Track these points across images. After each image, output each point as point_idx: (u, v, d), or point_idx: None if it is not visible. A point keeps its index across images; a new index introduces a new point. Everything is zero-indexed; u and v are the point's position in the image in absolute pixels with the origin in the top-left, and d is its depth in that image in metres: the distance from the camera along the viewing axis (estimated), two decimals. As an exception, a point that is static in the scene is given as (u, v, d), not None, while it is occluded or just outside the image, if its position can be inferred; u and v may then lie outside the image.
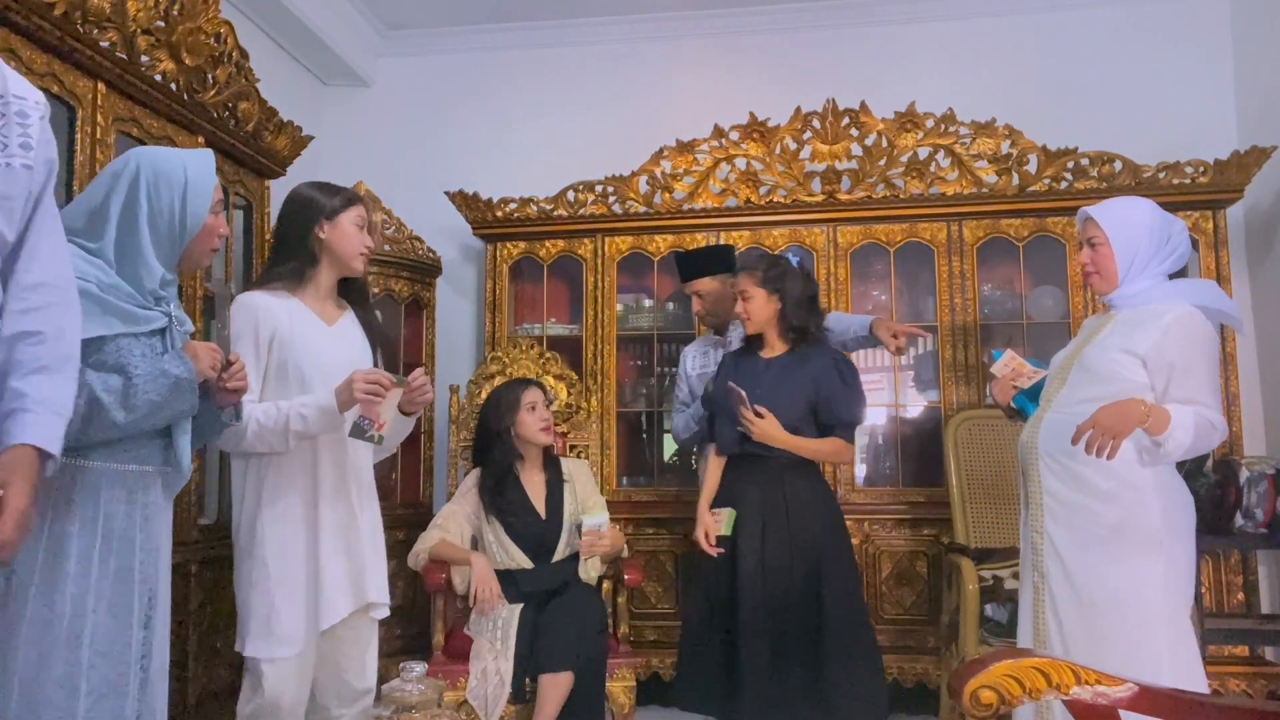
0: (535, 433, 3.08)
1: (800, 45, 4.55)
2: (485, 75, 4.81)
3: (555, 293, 4.37)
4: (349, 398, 2.08)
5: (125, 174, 1.75)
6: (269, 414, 2.07)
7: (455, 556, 2.97)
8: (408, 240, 4.17)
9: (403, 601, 3.95)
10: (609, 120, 4.62)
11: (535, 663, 2.78)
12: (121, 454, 1.70)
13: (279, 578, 2.10)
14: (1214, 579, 3.60)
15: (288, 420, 2.07)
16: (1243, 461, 3.39)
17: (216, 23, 2.97)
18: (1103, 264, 2.34)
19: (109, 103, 2.57)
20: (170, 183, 1.77)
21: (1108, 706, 1.09)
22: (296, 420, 2.07)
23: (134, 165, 1.76)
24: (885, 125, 4.00)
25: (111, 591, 1.65)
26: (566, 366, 3.61)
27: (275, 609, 2.09)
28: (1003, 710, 1.10)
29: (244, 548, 2.15)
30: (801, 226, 4.02)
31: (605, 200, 4.16)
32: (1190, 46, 4.25)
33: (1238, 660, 3.55)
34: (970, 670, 1.11)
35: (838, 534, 2.73)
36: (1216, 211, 3.75)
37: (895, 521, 3.77)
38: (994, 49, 4.39)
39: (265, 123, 3.30)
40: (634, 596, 3.73)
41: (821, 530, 2.68)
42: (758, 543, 2.65)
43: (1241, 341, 3.87)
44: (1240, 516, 3.30)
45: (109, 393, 1.60)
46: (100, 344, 1.64)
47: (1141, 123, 4.12)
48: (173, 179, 1.77)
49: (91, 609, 1.62)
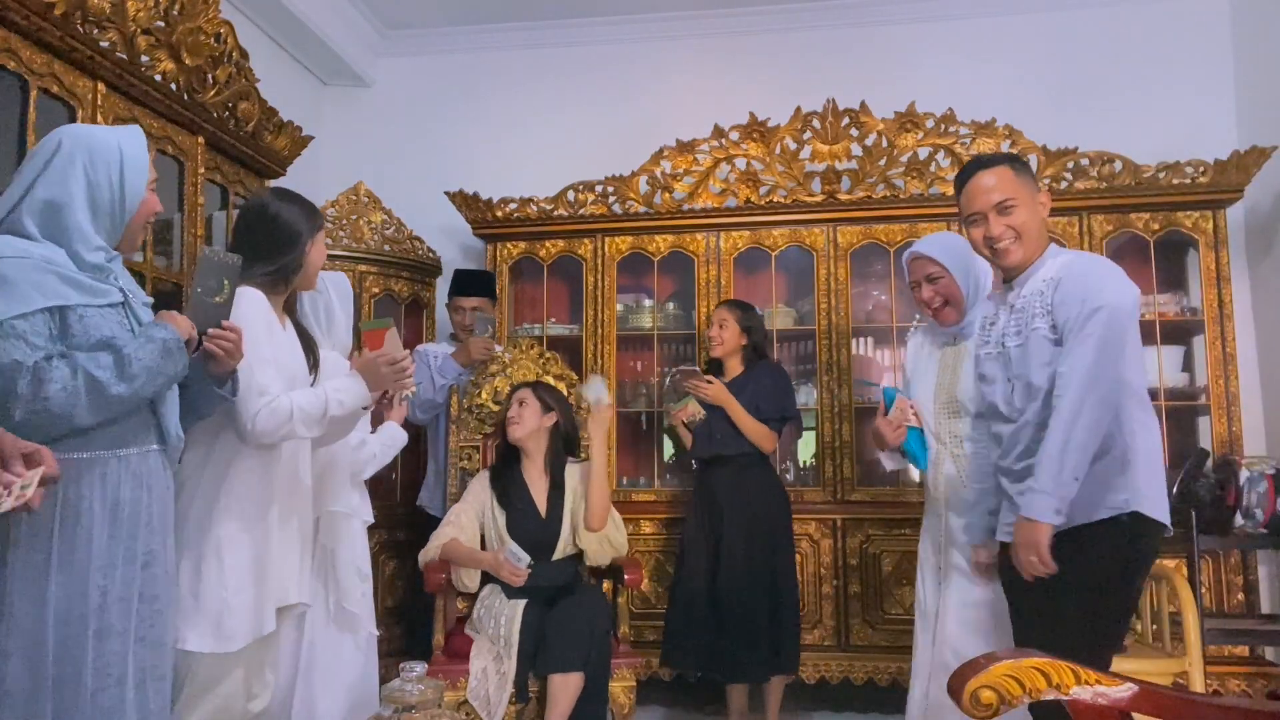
0: (509, 429, 3.12)
1: (800, 45, 4.55)
2: (485, 75, 4.81)
3: (555, 293, 4.37)
4: (379, 388, 2.15)
5: (59, 154, 1.71)
6: (310, 399, 2.07)
7: (465, 558, 2.98)
8: (408, 240, 4.17)
9: (403, 601, 3.95)
10: (609, 120, 4.62)
11: (544, 663, 2.78)
12: (122, 440, 1.71)
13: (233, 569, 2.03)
14: (1214, 579, 3.61)
15: (326, 404, 2.08)
16: (1243, 461, 3.39)
17: (216, 23, 2.97)
18: (952, 293, 2.50)
19: (109, 103, 2.57)
20: (107, 160, 1.74)
21: (1108, 706, 1.09)
22: (335, 405, 2.09)
23: (67, 145, 1.72)
24: (885, 125, 4.00)
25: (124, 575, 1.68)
26: (566, 366, 3.61)
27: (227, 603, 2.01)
28: (1003, 710, 1.10)
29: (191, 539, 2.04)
30: (801, 226, 4.02)
31: (605, 200, 4.16)
32: (1190, 46, 4.25)
33: (1238, 660, 3.55)
34: (970, 670, 1.11)
35: (783, 514, 3.42)
36: (1216, 211, 3.75)
37: (895, 521, 3.77)
38: (994, 49, 4.39)
39: (265, 123, 3.30)
40: (634, 596, 3.73)
41: (772, 511, 3.36)
42: (721, 524, 3.33)
43: (1242, 341, 3.87)
44: (1240, 516, 3.31)
45: (103, 369, 1.60)
46: (63, 316, 1.62)
47: (1141, 123, 4.12)
48: (109, 156, 1.74)
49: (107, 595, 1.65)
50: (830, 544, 3.81)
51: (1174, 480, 3.56)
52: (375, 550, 3.74)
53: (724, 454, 3.39)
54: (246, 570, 2.05)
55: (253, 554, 2.07)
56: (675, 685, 3.83)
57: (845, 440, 3.89)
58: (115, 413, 1.66)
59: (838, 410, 3.90)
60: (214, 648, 1.99)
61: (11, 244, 1.63)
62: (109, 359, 1.62)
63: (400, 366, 2.17)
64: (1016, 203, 2.15)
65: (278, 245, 2.14)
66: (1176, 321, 3.87)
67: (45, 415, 1.56)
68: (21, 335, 1.56)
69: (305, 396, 2.07)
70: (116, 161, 1.75)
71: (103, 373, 1.60)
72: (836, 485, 3.86)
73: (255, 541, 2.08)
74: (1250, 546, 3.49)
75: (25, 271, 1.59)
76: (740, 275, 4.15)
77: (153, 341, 1.67)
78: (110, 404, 1.62)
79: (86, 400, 1.58)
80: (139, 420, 1.75)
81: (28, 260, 1.61)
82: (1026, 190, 2.18)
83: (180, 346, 1.72)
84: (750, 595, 3.24)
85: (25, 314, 1.57)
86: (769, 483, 3.42)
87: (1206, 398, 3.73)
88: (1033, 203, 2.18)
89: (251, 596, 2.05)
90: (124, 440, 1.72)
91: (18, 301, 1.57)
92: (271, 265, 2.14)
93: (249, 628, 2.04)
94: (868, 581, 3.78)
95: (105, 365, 1.61)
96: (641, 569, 3.16)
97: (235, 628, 2.01)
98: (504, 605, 2.90)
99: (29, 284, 1.59)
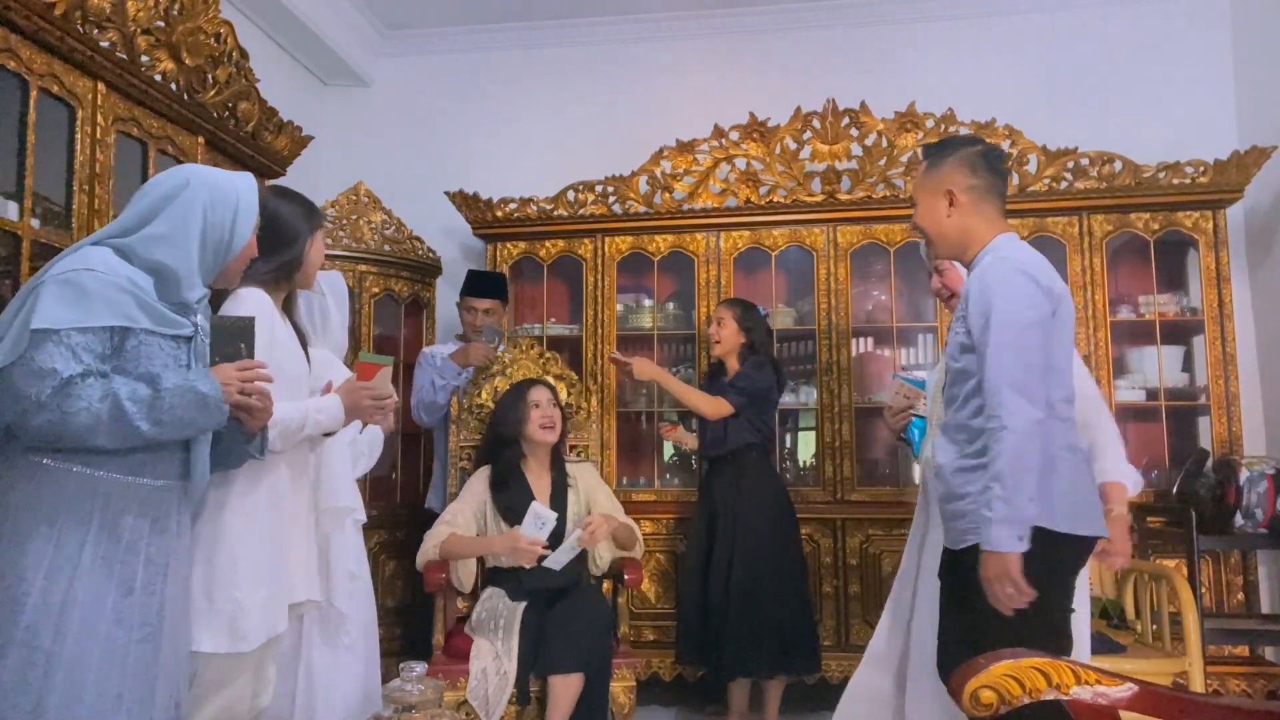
0: (536, 430, 3.09)
1: (800, 45, 4.55)
2: (485, 75, 4.81)
3: (555, 293, 4.37)
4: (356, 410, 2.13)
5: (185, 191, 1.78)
6: (292, 414, 2.05)
7: (467, 548, 2.97)
8: (408, 240, 4.17)
9: (402, 601, 3.95)
10: (609, 120, 4.62)
11: (544, 663, 2.78)
12: (139, 468, 1.69)
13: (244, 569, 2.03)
14: (1214, 579, 3.61)
15: (305, 421, 2.07)
16: (1243, 461, 3.39)
17: (216, 23, 2.97)
18: (957, 286, 2.49)
19: (109, 103, 2.57)
20: (225, 204, 1.81)
21: (1108, 706, 1.09)
22: (312, 425, 2.09)
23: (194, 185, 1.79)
24: (885, 125, 4.00)
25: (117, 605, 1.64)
26: (566, 366, 3.61)
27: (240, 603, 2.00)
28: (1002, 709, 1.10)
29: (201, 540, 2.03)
30: (801, 226, 4.02)
31: (605, 200, 4.16)
32: (1190, 46, 4.25)
33: (1238, 660, 3.55)
34: (970, 670, 1.11)
35: (783, 510, 3.42)
36: (1216, 211, 3.75)
37: (895, 521, 3.77)
38: (994, 49, 4.39)
39: (265, 123, 3.30)
40: (634, 596, 3.73)
41: (772, 509, 3.38)
42: (718, 523, 3.38)
43: (1242, 341, 3.87)
44: (1240, 516, 3.31)
45: (135, 402, 1.59)
46: (123, 338, 1.64)
47: (1141, 123, 4.12)
48: (228, 201, 1.81)
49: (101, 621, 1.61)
50: (830, 544, 3.81)
51: (1174, 480, 3.57)
52: (375, 550, 3.75)
53: (723, 453, 3.43)
54: (258, 569, 2.04)
55: (263, 552, 2.06)
56: (675, 685, 3.83)
57: (845, 440, 3.89)
58: (134, 444, 1.64)
59: (838, 410, 3.90)
60: (229, 648, 1.98)
61: (105, 260, 1.65)
62: (145, 393, 1.61)
63: (383, 404, 2.17)
64: (915, 200, 2.18)
65: (277, 243, 2.13)
66: (1176, 321, 3.87)
67: (63, 428, 1.56)
68: (72, 347, 1.57)
69: (288, 410, 2.05)
70: (233, 206, 1.82)
71: (133, 406, 1.59)
72: (836, 485, 3.86)
73: (264, 540, 2.07)
74: (1250, 546, 3.49)
75: (105, 287, 1.61)
76: (740, 275, 4.15)
77: (193, 393, 1.66)
78: (130, 437, 1.61)
79: (109, 426, 1.58)
80: (166, 453, 1.73)
81: (112, 277, 1.63)
82: (925, 189, 2.14)
83: (220, 404, 1.71)
84: (747, 591, 3.26)
85: (87, 328, 1.59)
86: (766, 481, 3.43)
87: (1206, 398, 3.73)
88: (931, 201, 2.12)
89: (264, 595, 2.04)
90: (139, 469, 1.69)
91: (85, 313, 1.59)
92: (271, 264, 2.14)
93: (263, 627, 2.03)
94: (868, 581, 3.78)
95: (139, 399, 1.60)
96: (641, 569, 3.16)
97: (250, 628, 2.00)
98: (505, 606, 2.90)
99: (103, 300, 1.61)
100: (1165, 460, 3.79)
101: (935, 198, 2.11)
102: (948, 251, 2.16)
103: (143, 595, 1.69)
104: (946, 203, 2.10)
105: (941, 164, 2.13)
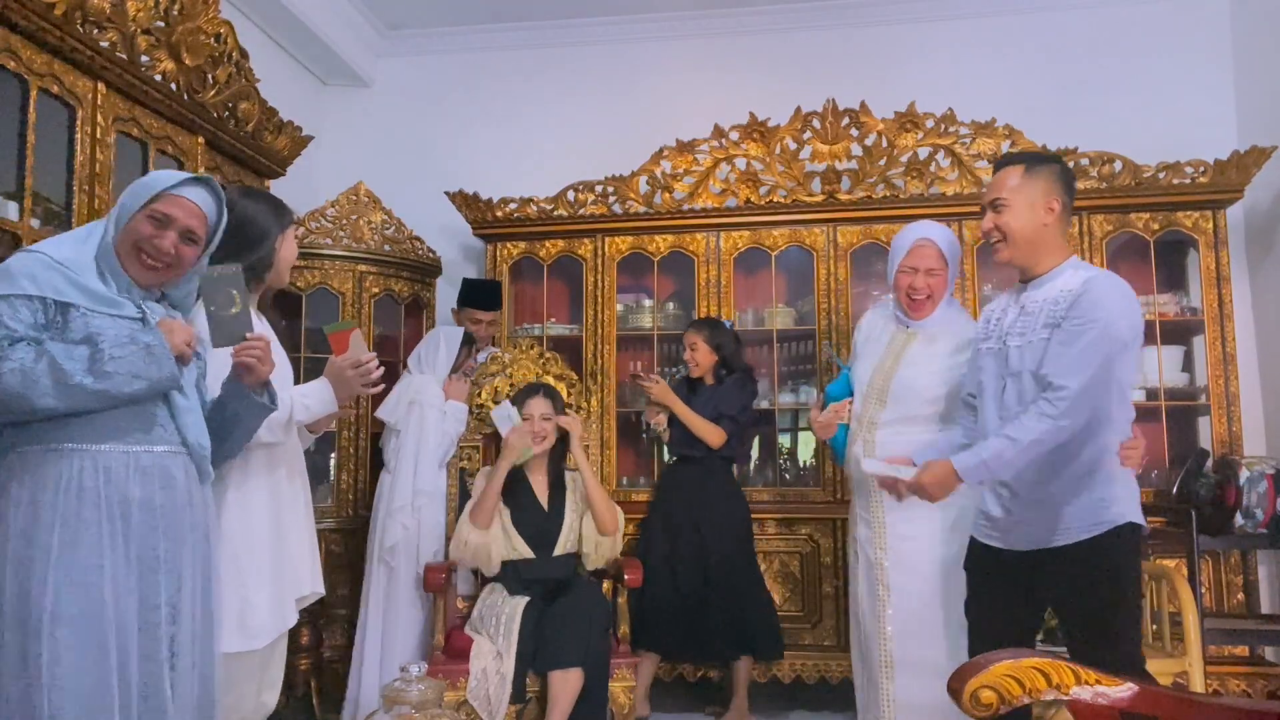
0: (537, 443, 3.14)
1: (800, 45, 4.55)
2: (485, 75, 4.81)
3: (555, 293, 4.37)
4: (347, 392, 2.13)
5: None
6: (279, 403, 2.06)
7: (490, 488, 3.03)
8: (408, 240, 4.17)
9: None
10: (609, 120, 4.62)
11: (543, 660, 2.79)
12: (130, 437, 1.72)
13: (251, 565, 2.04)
14: (1214, 579, 3.60)
15: (290, 410, 2.07)
16: (1243, 461, 3.39)
17: (216, 23, 2.97)
18: (939, 290, 2.60)
19: (109, 103, 2.57)
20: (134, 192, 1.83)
21: (1107, 706, 1.09)
22: (300, 411, 2.09)
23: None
24: (885, 125, 4.00)
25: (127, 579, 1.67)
26: (566, 366, 3.61)
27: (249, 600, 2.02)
28: (1002, 709, 1.10)
29: None
30: (801, 226, 4.02)
31: (605, 200, 4.16)
32: (1190, 46, 4.25)
33: (1238, 660, 3.55)
34: (970, 670, 1.11)
35: (744, 512, 3.61)
36: (1216, 211, 3.75)
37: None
38: (994, 49, 4.39)
39: (265, 123, 3.30)
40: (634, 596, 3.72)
41: (725, 510, 3.53)
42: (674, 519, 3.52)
43: (1242, 341, 3.87)
44: (1240, 516, 3.30)
45: (72, 359, 1.64)
46: (64, 312, 1.69)
47: (1141, 123, 4.12)
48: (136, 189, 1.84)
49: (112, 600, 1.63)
50: (830, 544, 3.81)
51: (1174, 480, 3.57)
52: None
53: (687, 454, 3.58)
54: (264, 565, 2.05)
55: (268, 548, 2.07)
56: (675, 685, 3.83)
57: (845, 440, 3.88)
58: (88, 404, 1.67)
59: (838, 410, 3.90)
60: (240, 646, 1.99)
61: (42, 246, 1.75)
62: (84, 352, 1.66)
63: (365, 369, 2.13)
64: (1007, 204, 2.18)
65: (247, 243, 2.13)
66: (1176, 321, 3.87)
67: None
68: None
69: None
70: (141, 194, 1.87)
71: (71, 364, 1.64)
72: (836, 485, 3.86)
73: (269, 535, 2.08)
74: (1250, 546, 3.48)
75: (30, 265, 1.70)
76: (740, 275, 4.15)
77: (135, 344, 1.70)
78: (75, 394, 1.64)
79: (50, 386, 1.62)
80: (144, 417, 1.75)
81: (38, 258, 1.71)
82: (1024, 194, 2.17)
83: (166, 352, 1.73)
84: (721, 583, 3.41)
85: (11, 295, 1.66)
86: (724, 484, 3.58)
87: (1206, 398, 3.73)
88: (1029, 208, 2.17)
89: (272, 591, 2.05)
90: (126, 434, 1.72)
91: (8, 285, 1.67)
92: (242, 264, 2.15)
93: (273, 623, 2.05)
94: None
95: (78, 358, 1.65)
96: (641, 569, 3.16)
97: (260, 624, 2.01)
98: (504, 603, 2.92)
99: (24, 275, 1.68)
100: (1165, 460, 3.79)
101: (1036, 206, 2.17)
102: (1024, 259, 2.21)
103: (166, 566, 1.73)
104: (1046, 212, 2.17)
105: (1043, 173, 2.19)
